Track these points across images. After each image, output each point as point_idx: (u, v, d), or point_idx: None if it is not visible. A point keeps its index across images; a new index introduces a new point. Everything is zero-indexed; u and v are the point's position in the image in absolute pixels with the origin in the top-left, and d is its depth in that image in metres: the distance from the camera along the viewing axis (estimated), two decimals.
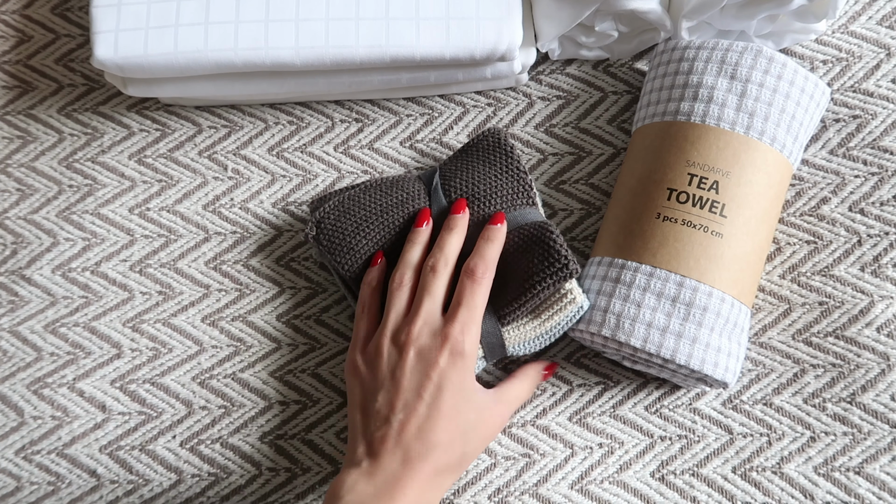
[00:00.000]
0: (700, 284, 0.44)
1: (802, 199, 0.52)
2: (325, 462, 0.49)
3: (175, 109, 0.56)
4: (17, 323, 0.52)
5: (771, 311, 0.50)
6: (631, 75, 0.55)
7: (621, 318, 0.45)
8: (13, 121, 0.57)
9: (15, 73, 0.58)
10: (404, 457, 0.41)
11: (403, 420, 0.41)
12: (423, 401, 0.42)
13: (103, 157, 0.55)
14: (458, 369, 0.42)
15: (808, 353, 0.49)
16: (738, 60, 0.47)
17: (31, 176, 0.55)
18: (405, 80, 0.52)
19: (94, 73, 0.57)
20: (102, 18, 0.49)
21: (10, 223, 0.55)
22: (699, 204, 0.45)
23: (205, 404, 0.51)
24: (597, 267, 0.48)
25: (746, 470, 0.48)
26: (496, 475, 0.48)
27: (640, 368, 0.48)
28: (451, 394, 0.42)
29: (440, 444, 0.41)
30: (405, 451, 0.41)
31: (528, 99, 0.55)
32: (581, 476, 0.48)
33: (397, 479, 0.40)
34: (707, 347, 0.44)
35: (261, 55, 0.48)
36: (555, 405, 0.50)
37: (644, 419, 0.49)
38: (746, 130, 0.46)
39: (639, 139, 0.50)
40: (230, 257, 0.53)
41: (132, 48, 0.48)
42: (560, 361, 0.51)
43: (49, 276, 0.53)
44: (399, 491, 0.40)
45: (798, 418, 0.48)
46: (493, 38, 0.49)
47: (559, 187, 0.53)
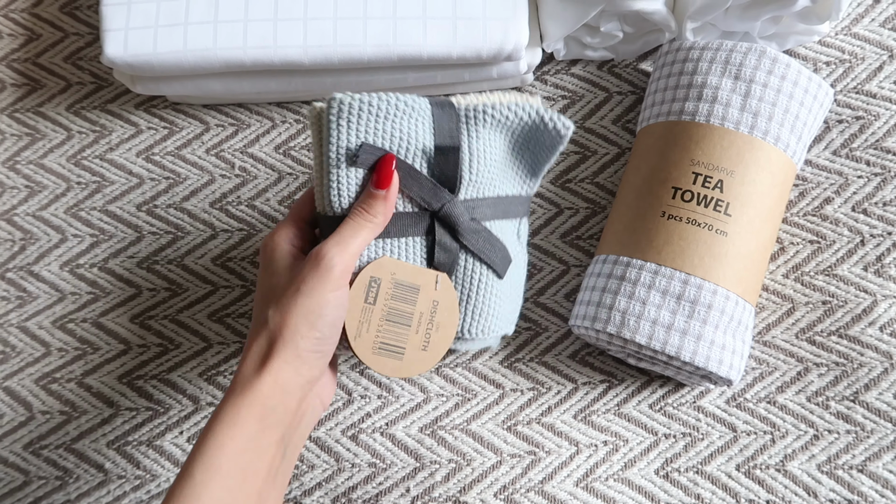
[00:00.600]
0: (705, 282, 0.45)
1: (806, 199, 0.52)
2: (330, 459, 0.49)
3: (182, 107, 0.56)
4: (25, 318, 0.53)
5: (774, 309, 0.51)
6: (635, 76, 0.56)
7: (626, 314, 0.45)
8: (22, 118, 0.57)
9: (24, 71, 0.58)
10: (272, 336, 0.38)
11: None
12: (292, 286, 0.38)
13: (111, 154, 0.56)
14: (263, 251, 0.40)
15: (812, 352, 0.49)
16: (743, 61, 0.47)
17: (40, 173, 0.56)
18: (411, 80, 0.52)
19: (103, 71, 0.58)
20: (112, 16, 0.49)
21: (19, 219, 0.55)
22: (704, 202, 0.46)
23: (212, 400, 0.51)
24: (602, 265, 0.48)
25: (750, 468, 0.48)
26: (502, 472, 0.48)
27: (645, 366, 0.48)
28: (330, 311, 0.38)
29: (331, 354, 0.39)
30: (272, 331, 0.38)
31: None
32: (586, 473, 0.48)
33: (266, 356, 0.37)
34: (711, 344, 0.44)
35: (269, 54, 0.49)
36: (560, 403, 0.50)
37: (648, 417, 0.49)
38: (751, 130, 0.47)
39: (644, 139, 0.50)
40: (237, 254, 0.53)
41: (142, 46, 0.49)
42: (565, 360, 0.51)
43: (57, 272, 0.54)
44: (269, 364, 0.37)
45: (801, 416, 0.49)
46: (499, 37, 0.49)
47: (565, 186, 0.54)
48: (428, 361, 0.41)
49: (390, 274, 0.40)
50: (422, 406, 0.50)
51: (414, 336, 0.40)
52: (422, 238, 0.41)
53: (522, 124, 0.42)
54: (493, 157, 0.42)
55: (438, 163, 0.40)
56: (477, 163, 0.41)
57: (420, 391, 0.50)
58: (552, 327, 0.52)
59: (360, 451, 0.49)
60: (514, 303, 0.45)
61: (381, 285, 0.40)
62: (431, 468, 0.49)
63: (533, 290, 0.52)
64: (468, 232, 0.41)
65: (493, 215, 0.42)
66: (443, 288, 0.41)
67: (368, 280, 0.40)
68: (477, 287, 0.41)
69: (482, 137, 0.41)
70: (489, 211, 0.42)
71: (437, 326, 0.41)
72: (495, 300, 0.42)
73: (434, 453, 0.49)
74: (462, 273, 0.42)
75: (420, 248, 0.41)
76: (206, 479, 0.35)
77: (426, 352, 0.41)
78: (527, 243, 0.47)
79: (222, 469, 0.35)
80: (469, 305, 0.41)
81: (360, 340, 0.40)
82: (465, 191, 0.41)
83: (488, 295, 0.42)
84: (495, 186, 0.42)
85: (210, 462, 0.35)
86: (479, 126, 0.41)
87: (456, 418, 0.50)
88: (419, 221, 0.41)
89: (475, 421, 0.50)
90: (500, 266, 0.42)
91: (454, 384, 0.51)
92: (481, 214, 0.41)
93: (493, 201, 0.42)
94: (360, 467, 0.49)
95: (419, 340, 0.41)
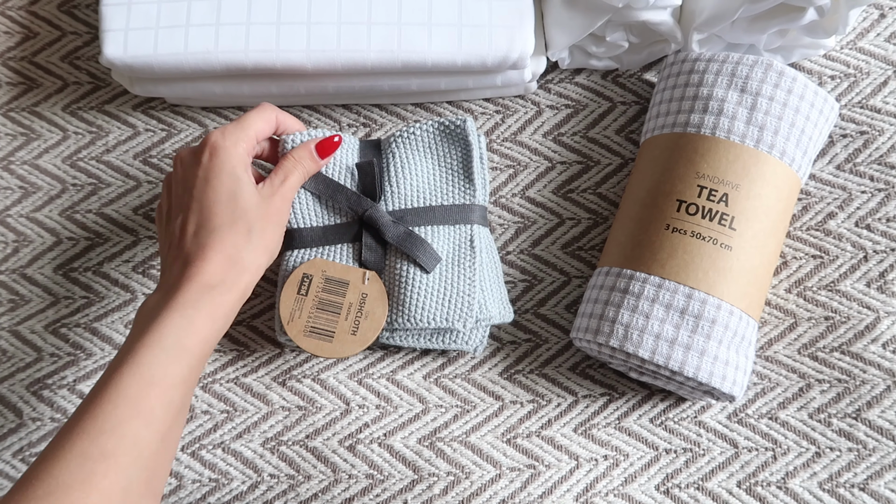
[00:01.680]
0: (709, 297, 0.44)
1: (809, 214, 0.52)
2: (327, 470, 0.48)
3: (181, 110, 0.56)
4: (17, 322, 0.52)
5: (777, 324, 0.50)
6: (640, 86, 0.55)
7: (629, 329, 0.45)
8: (17, 117, 0.56)
9: (20, 70, 0.57)
10: (184, 260, 0.41)
11: (182, 223, 0.42)
12: (193, 198, 0.42)
13: (108, 156, 0.55)
14: (220, 159, 0.42)
15: (814, 368, 0.49)
16: (749, 74, 0.47)
17: (34, 174, 0.55)
18: (415, 86, 0.52)
19: (100, 71, 0.57)
20: (112, 17, 0.48)
21: (12, 221, 0.54)
22: (709, 216, 0.45)
23: (207, 409, 0.50)
24: (604, 277, 0.47)
25: (751, 484, 0.48)
26: (501, 486, 0.48)
27: (647, 380, 0.48)
28: (220, 180, 0.42)
29: (219, 228, 0.41)
30: (185, 255, 0.41)
31: (536, 107, 0.55)
32: (586, 488, 0.48)
33: (176, 282, 0.40)
34: (715, 360, 0.44)
35: (271, 57, 0.48)
36: (560, 416, 0.49)
37: (649, 431, 0.49)
38: (756, 144, 0.46)
39: (648, 150, 0.50)
40: None
41: (142, 47, 0.48)
42: (565, 372, 0.50)
43: (50, 275, 0.53)
44: (177, 293, 0.39)
45: (803, 433, 0.48)
46: (505, 45, 0.49)
47: (567, 196, 0.53)
48: (357, 344, 0.47)
49: (321, 271, 0.47)
50: (420, 417, 0.49)
51: (343, 322, 0.47)
52: (352, 244, 0.48)
53: (430, 134, 0.49)
54: (415, 173, 0.49)
55: (360, 177, 0.48)
56: (395, 177, 0.49)
57: (419, 402, 0.50)
58: (552, 339, 0.51)
59: (358, 461, 0.48)
60: (487, 299, 0.48)
61: (312, 280, 0.47)
62: (430, 481, 0.48)
63: (533, 301, 0.52)
64: (390, 231, 0.47)
65: (424, 222, 0.48)
66: (371, 283, 0.47)
67: (301, 276, 0.47)
68: (403, 281, 0.47)
69: (399, 156, 0.49)
70: (418, 218, 0.48)
71: (366, 315, 0.47)
72: (424, 293, 0.47)
73: (433, 465, 0.48)
74: (390, 270, 0.48)
75: (351, 252, 0.48)
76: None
77: (356, 336, 0.47)
78: (492, 248, 0.50)
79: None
80: (398, 297, 0.47)
81: (292, 324, 0.46)
82: (391, 202, 0.49)
83: (415, 288, 0.47)
84: (424, 198, 0.49)
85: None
86: (395, 147, 0.49)
87: (455, 430, 0.49)
88: (349, 230, 0.48)
89: (474, 433, 0.49)
90: (426, 262, 0.47)
91: (453, 395, 0.50)
92: (410, 221, 0.48)
93: (423, 210, 0.49)
94: (358, 479, 0.48)
95: (349, 326, 0.47)
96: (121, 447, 0.35)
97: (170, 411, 0.38)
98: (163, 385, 0.37)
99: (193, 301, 0.39)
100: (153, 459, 0.37)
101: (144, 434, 0.36)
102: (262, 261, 0.43)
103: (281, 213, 0.44)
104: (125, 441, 0.36)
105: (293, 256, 0.48)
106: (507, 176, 0.54)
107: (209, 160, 0.43)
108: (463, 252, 0.48)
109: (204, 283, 0.40)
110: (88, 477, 0.34)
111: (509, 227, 0.53)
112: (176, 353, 0.38)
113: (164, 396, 0.37)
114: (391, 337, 0.48)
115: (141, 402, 0.36)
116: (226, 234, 0.41)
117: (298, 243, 0.48)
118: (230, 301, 0.41)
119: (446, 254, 0.48)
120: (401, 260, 0.47)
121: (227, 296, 0.40)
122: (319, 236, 0.48)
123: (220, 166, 0.42)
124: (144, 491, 0.37)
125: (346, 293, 0.47)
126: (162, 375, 0.37)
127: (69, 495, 0.34)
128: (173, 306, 0.39)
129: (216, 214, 0.41)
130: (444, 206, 0.49)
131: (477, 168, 0.50)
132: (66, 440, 0.35)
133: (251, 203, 0.42)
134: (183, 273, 0.40)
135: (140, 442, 0.36)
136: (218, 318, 0.40)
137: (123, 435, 0.36)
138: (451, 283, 0.47)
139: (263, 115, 0.46)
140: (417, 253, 0.47)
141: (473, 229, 0.49)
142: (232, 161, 0.43)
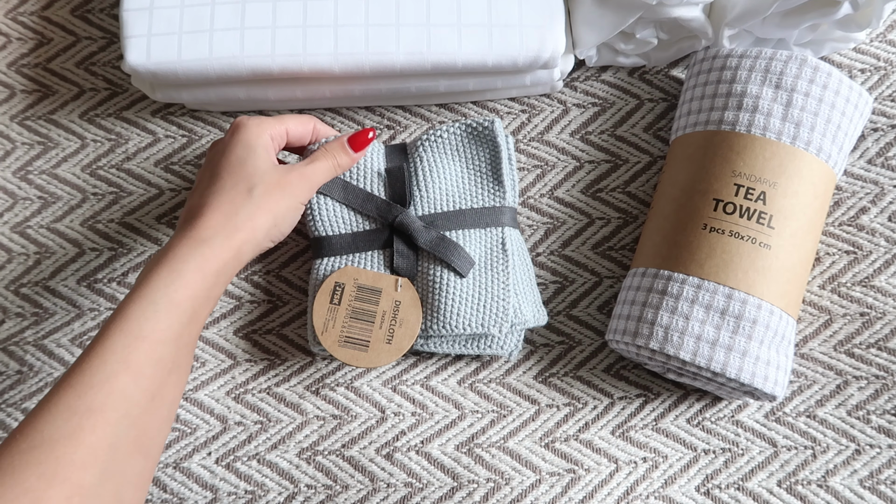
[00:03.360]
0: (749, 297, 0.44)
1: (841, 209, 0.51)
2: (365, 479, 0.48)
3: (201, 115, 0.55)
4: (42, 336, 0.51)
5: (812, 321, 0.50)
6: (667, 83, 0.54)
7: (669, 330, 0.44)
8: (33, 126, 0.55)
9: (34, 77, 0.56)
10: (183, 219, 0.42)
11: (192, 191, 0.44)
12: (208, 167, 0.44)
13: (128, 163, 0.54)
14: (240, 135, 0.43)
15: (851, 365, 0.49)
16: (783, 70, 0.46)
17: (54, 183, 0.54)
18: (443, 87, 0.51)
19: (117, 77, 0.55)
20: (133, 22, 0.47)
21: (33, 232, 0.53)
22: (746, 215, 0.45)
23: (240, 420, 0.49)
24: (640, 278, 0.47)
25: (792, 483, 0.47)
26: (542, 491, 0.47)
27: (686, 381, 0.47)
28: (234, 150, 0.43)
29: (221, 188, 0.42)
30: (185, 214, 0.42)
31: (563, 106, 0.54)
32: (627, 491, 0.47)
33: (172, 239, 0.40)
34: (757, 360, 0.44)
35: (298, 61, 0.47)
36: (597, 419, 0.49)
37: (687, 432, 0.49)
38: (793, 140, 0.46)
39: (679, 148, 0.49)
40: (260, 268, 0.52)
41: (165, 53, 0.47)
42: (599, 374, 0.50)
43: (74, 286, 0.52)
44: (169, 248, 0.39)
45: (842, 431, 0.48)
46: (536, 45, 0.48)
47: (596, 195, 0.53)
48: (393, 353, 0.46)
49: (353, 280, 0.47)
50: (457, 423, 0.49)
51: (378, 331, 0.46)
52: (382, 251, 0.48)
53: (457, 136, 0.49)
54: (443, 176, 0.48)
55: (390, 183, 0.48)
56: (424, 181, 0.48)
57: (454, 408, 0.49)
58: (586, 341, 0.51)
59: (396, 470, 0.48)
60: (521, 303, 0.47)
61: (345, 289, 0.46)
62: (469, 487, 0.47)
63: (565, 302, 0.51)
64: (422, 236, 0.47)
65: (454, 226, 0.48)
66: (404, 289, 0.47)
67: (333, 285, 0.46)
68: (438, 287, 0.46)
69: (427, 160, 0.48)
70: (448, 222, 0.48)
71: (400, 322, 0.46)
72: (459, 298, 0.46)
73: (472, 472, 0.48)
74: (423, 276, 0.47)
75: (382, 258, 0.48)
76: None
77: (391, 344, 0.46)
78: (524, 251, 0.50)
79: None
80: (433, 304, 0.46)
81: (326, 335, 0.46)
82: (421, 207, 0.48)
83: (450, 294, 0.46)
84: (454, 202, 0.48)
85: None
86: (422, 150, 0.49)
87: (492, 436, 0.49)
88: (379, 236, 0.48)
89: (512, 438, 0.48)
90: (461, 266, 0.46)
91: (489, 400, 0.49)
92: (441, 226, 0.47)
93: (453, 214, 0.48)
94: (396, 487, 0.48)
95: (383, 335, 0.46)
96: (108, 402, 0.35)
97: (159, 368, 0.37)
98: (151, 340, 0.37)
99: (183, 255, 0.39)
100: (142, 417, 0.36)
101: (132, 390, 0.36)
102: (261, 222, 0.42)
103: (295, 188, 0.44)
104: (113, 396, 0.35)
105: (323, 265, 0.48)
106: (534, 176, 0.53)
107: (230, 136, 0.44)
108: (495, 255, 0.47)
109: (195, 238, 0.40)
110: (75, 431, 0.34)
111: (538, 229, 0.52)
112: (165, 307, 0.37)
113: (153, 352, 0.37)
114: (426, 344, 0.47)
115: (129, 356, 0.36)
116: (226, 193, 0.42)
117: (328, 251, 0.48)
118: (221, 257, 0.40)
119: (478, 257, 0.47)
120: (434, 265, 0.47)
121: (217, 250, 0.40)
122: (349, 243, 0.48)
123: (237, 140, 0.43)
124: (133, 449, 0.36)
125: (380, 301, 0.46)
126: (150, 330, 0.37)
127: (55, 450, 0.33)
128: (163, 262, 0.39)
129: (222, 178, 0.42)
130: (475, 209, 0.48)
131: (506, 169, 0.49)
132: (53, 395, 0.35)
133: (260, 168, 0.43)
134: (179, 230, 0.41)
135: (128, 398, 0.36)
136: (208, 273, 0.39)
137: (111, 390, 0.35)
138: (486, 288, 0.46)
139: (302, 118, 0.46)
140: (452, 257, 0.46)
141: (504, 231, 0.48)
142: (250, 137, 0.43)
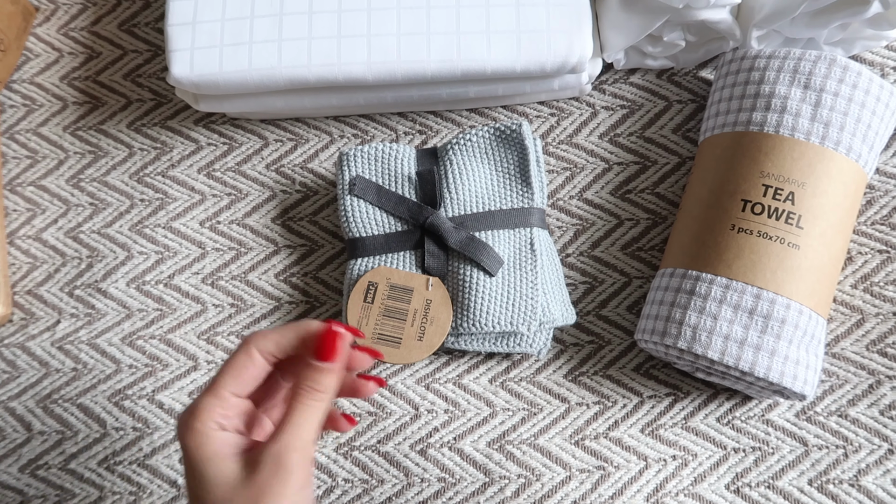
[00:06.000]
0: (777, 296, 0.44)
1: (874, 208, 0.51)
2: (400, 474, 0.49)
3: (241, 123, 0.57)
4: (94, 335, 0.54)
5: (843, 321, 0.50)
6: (695, 84, 0.55)
7: (697, 330, 0.45)
8: (84, 136, 0.58)
9: (85, 90, 0.59)
10: None
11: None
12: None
13: (173, 171, 0.56)
14: (184, 449, 0.34)
15: (884, 364, 0.49)
16: (812, 69, 0.47)
17: (104, 190, 0.56)
18: (472, 93, 0.52)
19: (162, 88, 0.58)
20: (178, 37, 0.50)
21: (85, 237, 0.56)
22: (775, 215, 0.45)
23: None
24: (669, 278, 0.48)
25: (823, 482, 0.47)
26: (572, 488, 0.48)
27: (715, 380, 0.48)
28: (187, 475, 0.34)
29: None
30: None
31: (591, 108, 0.55)
32: (656, 489, 0.48)
33: None
34: (786, 360, 0.44)
35: (333, 71, 0.49)
36: (626, 417, 0.50)
37: (716, 431, 0.49)
38: (822, 140, 0.46)
39: (708, 149, 0.49)
40: (299, 270, 0.54)
41: (207, 66, 0.49)
42: (629, 373, 0.51)
43: (124, 288, 0.54)
44: None
45: (875, 430, 0.48)
46: (564, 50, 0.49)
47: (625, 197, 0.53)
48: (424, 350, 0.48)
49: (386, 279, 0.49)
50: (488, 420, 0.50)
51: (410, 328, 0.48)
52: (413, 251, 0.50)
53: (486, 140, 0.50)
54: (473, 178, 0.50)
55: (421, 185, 0.50)
56: (454, 183, 0.50)
57: (486, 405, 0.50)
58: (615, 340, 0.51)
59: (430, 465, 0.49)
60: (549, 301, 0.49)
61: (377, 288, 0.48)
62: (501, 483, 0.49)
63: (594, 302, 0.52)
64: (452, 237, 0.48)
65: (483, 227, 0.49)
66: (434, 288, 0.48)
67: (367, 284, 0.49)
68: (467, 286, 0.48)
69: (456, 162, 0.50)
70: (478, 223, 0.49)
71: (431, 321, 0.48)
72: (488, 297, 0.48)
73: (503, 468, 0.49)
74: (453, 275, 0.49)
75: (413, 259, 0.49)
76: None
77: (422, 342, 0.48)
78: (552, 251, 0.51)
79: None
80: (463, 302, 0.48)
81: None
82: (451, 209, 0.50)
83: (479, 292, 0.48)
84: (483, 203, 0.50)
85: None
86: (452, 153, 0.50)
87: (523, 433, 0.50)
88: (410, 237, 0.50)
89: (542, 435, 0.50)
90: (490, 265, 0.48)
91: (519, 398, 0.51)
92: (471, 227, 0.49)
93: (482, 215, 0.49)
94: (430, 482, 0.49)
95: (415, 332, 0.48)
96: None
97: None
98: None
99: None
100: None
101: None
102: None
103: (293, 475, 0.32)
104: None
105: (357, 265, 0.49)
106: (563, 178, 0.54)
107: (180, 442, 0.34)
108: (524, 255, 0.49)
109: None
110: None
111: (568, 230, 0.53)
112: None
113: None
114: (456, 342, 0.49)
115: None
116: None
117: (362, 252, 0.49)
118: None
119: (507, 257, 0.48)
120: (464, 265, 0.48)
121: None
122: (382, 244, 0.49)
123: (184, 456, 0.33)
124: None
125: (411, 300, 0.48)
126: None
127: None
128: None
129: None
130: (503, 211, 0.50)
131: (534, 171, 0.50)
132: None
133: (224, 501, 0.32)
134: None
135: None
136: None
137: None
138: (514, 287, 0.48)
139: (237, 362, 0.34)
140: (481, 257, 0.48)
141: (533, 232, 0.49)
142: (190, 448, 0.33)
